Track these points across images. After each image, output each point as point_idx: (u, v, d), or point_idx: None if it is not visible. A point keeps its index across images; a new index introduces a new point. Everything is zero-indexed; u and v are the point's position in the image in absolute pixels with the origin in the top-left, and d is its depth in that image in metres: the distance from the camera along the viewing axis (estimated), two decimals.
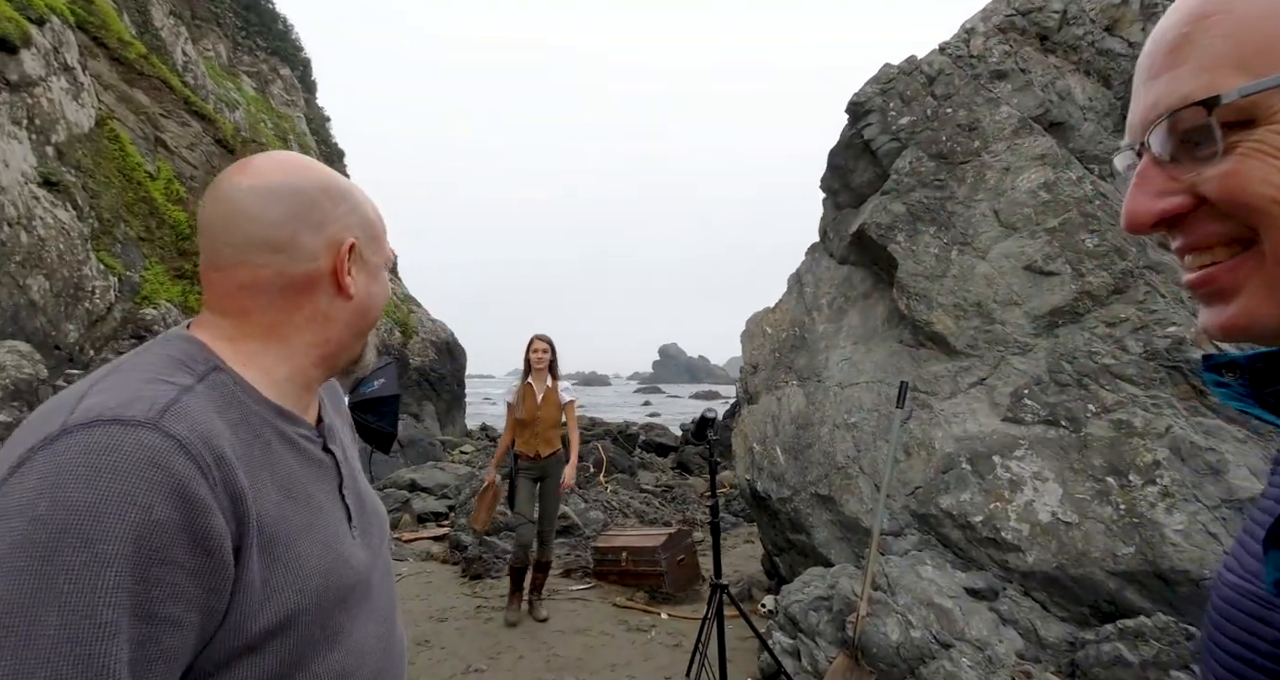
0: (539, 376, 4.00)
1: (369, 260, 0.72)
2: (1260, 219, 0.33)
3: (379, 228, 0.75)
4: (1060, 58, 3.57)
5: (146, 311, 10.06)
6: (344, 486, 0.71)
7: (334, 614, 0.63)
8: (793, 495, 3.89)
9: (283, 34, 31.29)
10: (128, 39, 15.35)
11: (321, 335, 0.69)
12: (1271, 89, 0.32)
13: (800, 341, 4.31)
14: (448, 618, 4.04)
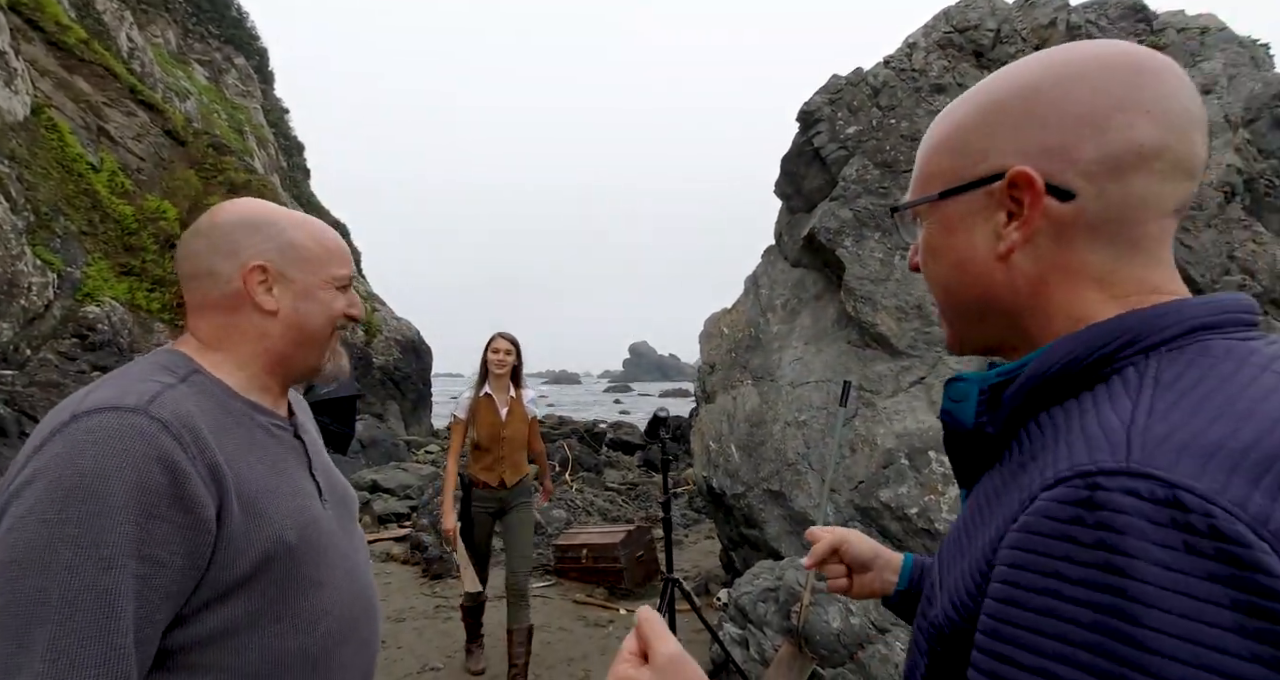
0: (499, 384, 3.17)
1: (295, 279, 0.83)
2: (927, 283, 0.54)
3: (312, 251, 0.84)
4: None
5: (89, 309, 9.63)
6: (314, 467, 0.86)
7: (309, 564, 0.76)
8: (746, 491, 4.01)
9: (237, 22, 30.17)
10: (66, 23, 14.61)
11: (260, 346, 0.82)
12: (916, 206, 0.53)
13: (755, 342, 4.43)
14: (406, 618, 4.04)
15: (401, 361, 14.88)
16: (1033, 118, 0.45)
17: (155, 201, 12.50)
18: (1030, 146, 0.45)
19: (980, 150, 0.47)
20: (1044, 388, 0.43)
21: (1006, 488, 0.43)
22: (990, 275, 0.47)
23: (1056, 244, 0.45)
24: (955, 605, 0.42)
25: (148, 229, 11.88)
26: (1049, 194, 0.44)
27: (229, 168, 15.11)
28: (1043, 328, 0.47)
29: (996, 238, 0.47)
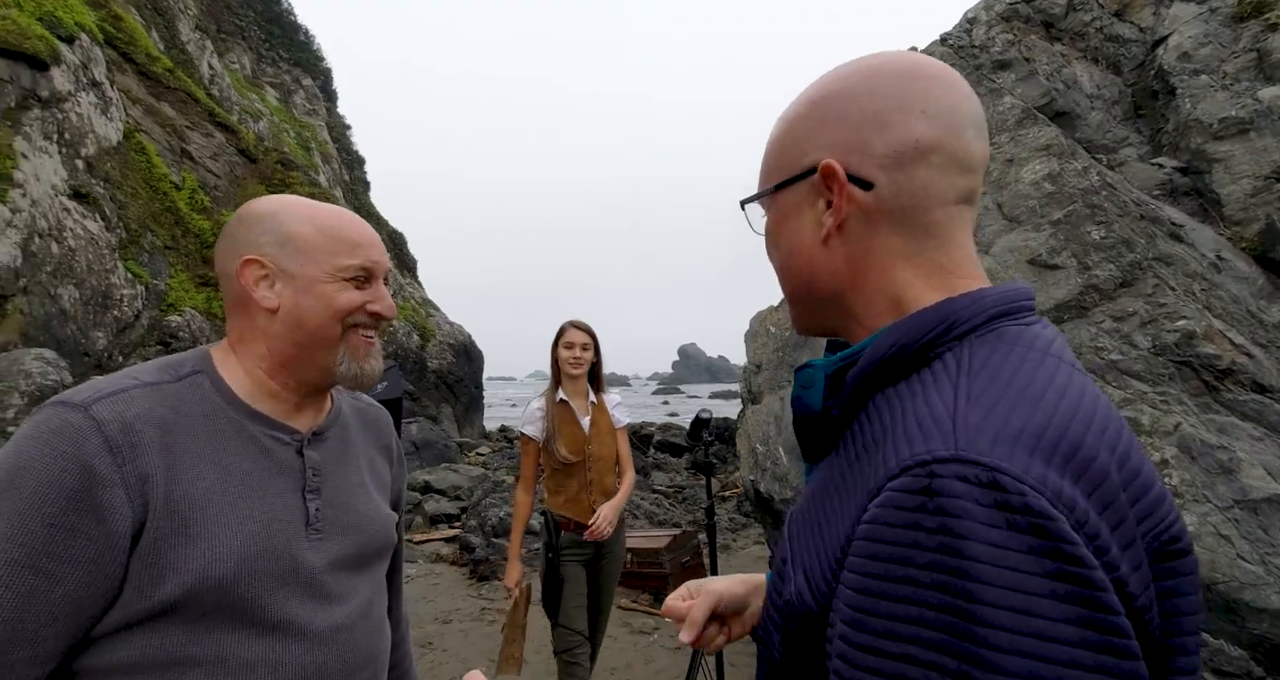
0: (576, 387, 2.48)
1: (294, 273, 0.75)
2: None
3: (312, 241, 0.76)
4: (1066, 45, 3.46)
5: (172, 318, 10.36)
6: (310, 490, 0.76)
7: (255, 605, 0.66)
8: (795, 496, 3.84)
9: (304, 45, 32.01)
10: (155, 54, 15.85)
11: (263, 347, 0.76)
12: (756, 199, 0.57)
13: (803, 340, 4.25)
14: (452, 620, 4.07)
15: (454, 365, 15.29)
16: (836, 117, 0.51)
17: (229, 216, 13.34)
18: (836, 142, 0.50)
19: (802, 146, 0.52)
20: (878, 373, 0.47)
21: (852, 473, 0.45)
22: (815, 259, 0.52)
23: (865, 229, 0.50)
24: (812, 589, 0.44)
25: None
26: (851, 183, 0.49)
27: (295, 182, 15.98)
28: (866, 307, 0.51)
29: (819, 225, 0.51)
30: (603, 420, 2.50)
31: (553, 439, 2.39)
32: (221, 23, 26.38)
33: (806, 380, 0.51)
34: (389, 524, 0.85)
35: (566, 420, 2.44)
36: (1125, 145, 3.02)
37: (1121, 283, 2.80)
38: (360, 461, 0.85)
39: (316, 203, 0.80)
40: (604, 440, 2.47)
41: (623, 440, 2.54)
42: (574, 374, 2.45)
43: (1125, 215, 2.82)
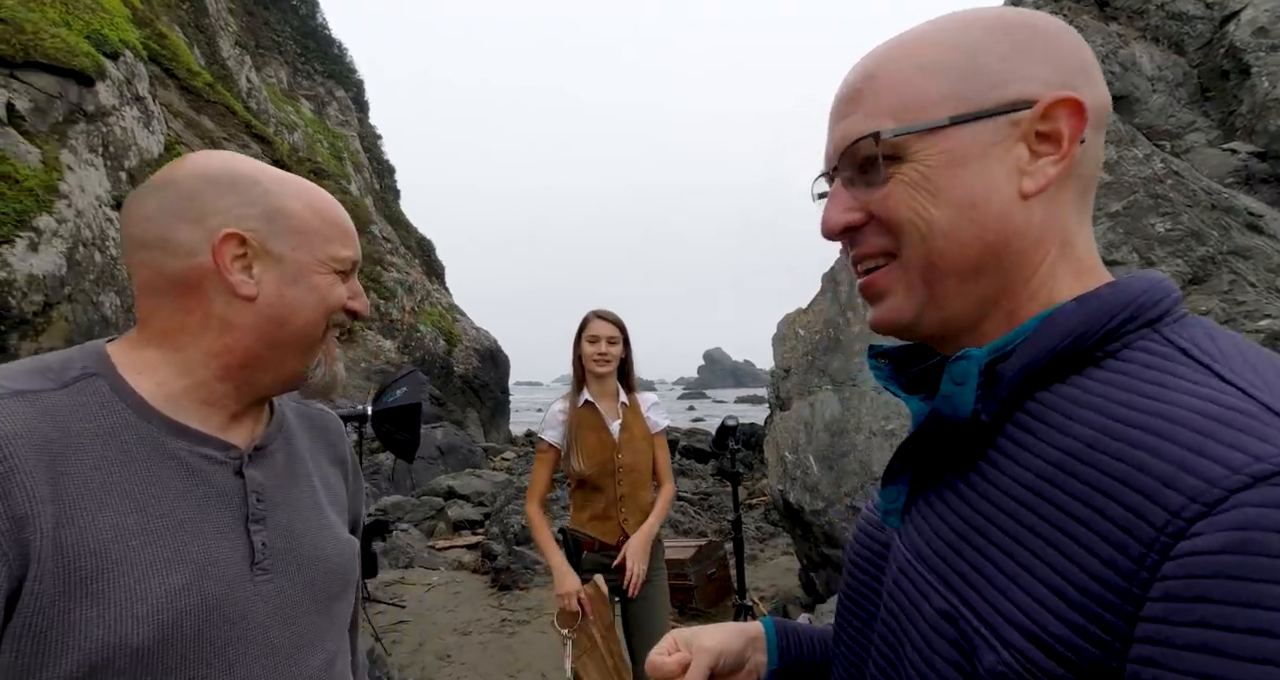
0: (603, 388, 2.14)
1: (283, 256, 0.63)
2: (902, 235, 0.43)
3: (308, 222, 0.65)
4: (1124, 24, 3.21)
5: None
6: (254, 519, 0.62)
7: (194, 671, 0.54)
8: (827, 508, 3.64)
9: (338, 58, 32.91)
10: (196, 69, 16.42)
11: (220, 343, 0.62)
12: (911, 134, 0.42)
13: (834, 343, 4.05)
14: (472, 631, 3.97)
15: (480, 370, 15.37)
16: (1047, 50, 0.42)
17: None
18: (1051, 79, 0.42)
19: (997, 74, 0.42)
20: (1048, 368, 0.41)
21: (1057, 497, 0.37)
22: (1008, 218, 0.42)
23: (1058, 192, 0.43)
24: (1055, 650, 0.35)
25: None
26: None
27: (327, 190, 16.34)
28: (1026, 287, 0.43)
29: (1019, 174, 0.42)
30: (636, 424, 2.11)
31: (571, 448, 2.05)
32: (260, 38, 27.30)
33: (960, 375, 0.41)
34: (351, 553, 0.72)
35: (592, 426, 2.07)
36: (1192, 130, 2.77)
37: (1192, 279, 2.55)
38: (312, 478, 0.71)
39: (290, 174, 0.67)
40: (638, 448, 2.08)
41: (661, 447, 2.15)
42: (600, 372, 2.07)
43: (1194, 205, 2.58)
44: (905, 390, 0.51)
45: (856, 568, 0.55)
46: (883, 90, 0.44)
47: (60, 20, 10.57)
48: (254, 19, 27.43)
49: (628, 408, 2.14)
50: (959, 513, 0.42)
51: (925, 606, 0.42)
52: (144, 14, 15.27)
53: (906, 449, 0.46)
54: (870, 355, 0.54)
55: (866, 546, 0.54)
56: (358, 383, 11.82)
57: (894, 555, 0.48)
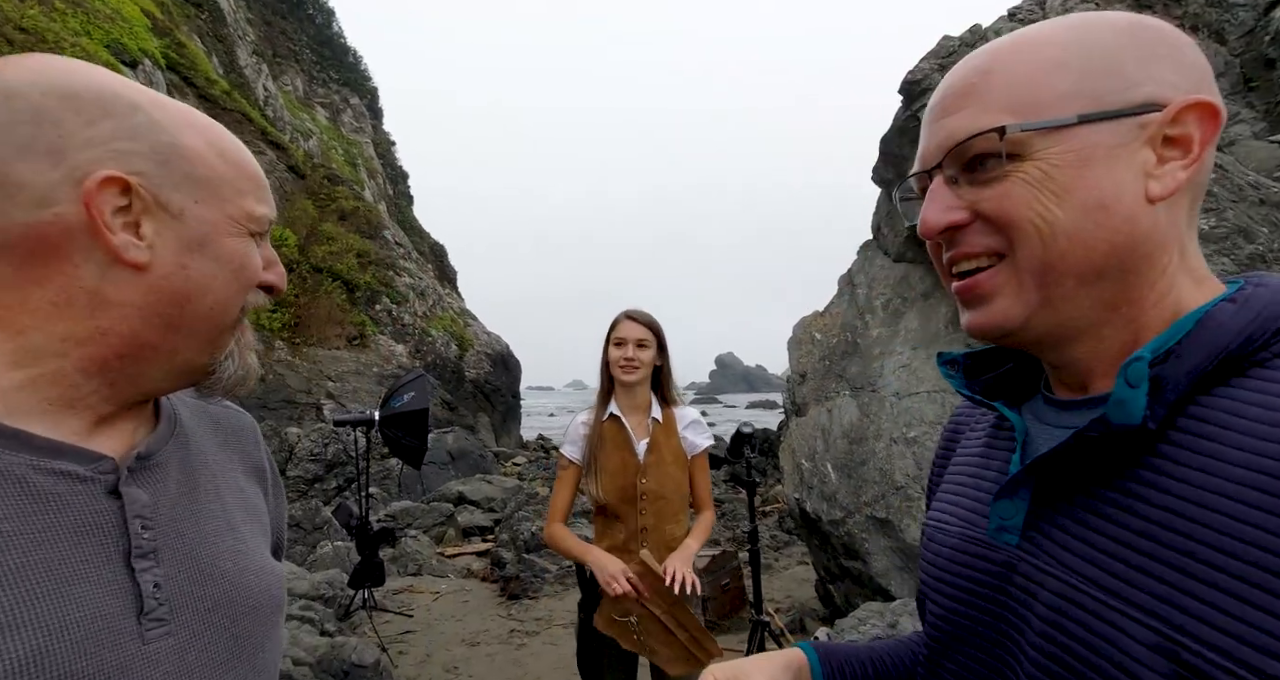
0: (633, 400, 1.85)
1: (183, 212, 0.47)
2: (1018, 234, 0.43)
3: (214, 166, 0.49)
4: (1159, 13, 3.08)
5: None
6: (139, 554, 0.47)
7: None
8: (846, 517, 3.51)
9: (353, 66, 33.37)
10: (213, 78, 16.68)
11: (89, 326, 0.46)
12: (1037, 131, 0.42)
13: (852, 348, 3.93)
14: (480, 642, 3.88)
15: (492, 374, 15.36)
16: (1172, 56, 0.42)
17: (278, 230, 13.81)
18: (1183, 85, 0.41)
19: (1129, 75, 0.42)
20: (1216, 370, 0.39)
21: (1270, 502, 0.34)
22: (1135, 222, 0.41)
23: (1182, 196, 0.42)
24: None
25: None
26: None
27: (340, 196, 16.47)
28: (1151, 291, 0.42)
29: (1145, 177, 0.41)
30: (667, 445, 1.80)
31: (590, 468, 1.78)
32: (277, 47, 27.74)
33: (1137, 376, 0.39)
34: (277, 583, 0.58)
35: (616, 444, 1.78)
36: (1236, 122, 2.64)
37: None
38: (221, 493, 0.57)
39: (171, 99, 0.51)
40: (666, 472, 1.77)
41: (701, 470, 1.85)
42: (626, 381, 1.79)
43: (1240, 201, 2.44)
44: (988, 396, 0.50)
45: (961, 591, 0.50)
46: (1000, 86, 0.43)
47: (81, 30, 10.77)
48: (271, 28, 27.89)
49: (659, 425, 1.83)
50: (1131, 527, 0.39)
51: (1124, 639, 0.38)
52: (164, 23, 15.56)
53: (1044, 461, 0.43)
54: (941, 362, 0.53)
55: (974, 568, 0.49)
56: (370, 387, 11.84)
57: (1026, 576, 0.45)
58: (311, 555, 4.86)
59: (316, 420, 10.18)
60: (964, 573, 0.50)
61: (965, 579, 0.50)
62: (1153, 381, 0.39)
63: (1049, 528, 0.44)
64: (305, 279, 13.28)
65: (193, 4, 19.81)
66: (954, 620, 0.51)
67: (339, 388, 11.57)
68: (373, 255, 15.08)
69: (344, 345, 12.79)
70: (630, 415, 1.83)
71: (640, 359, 1.79)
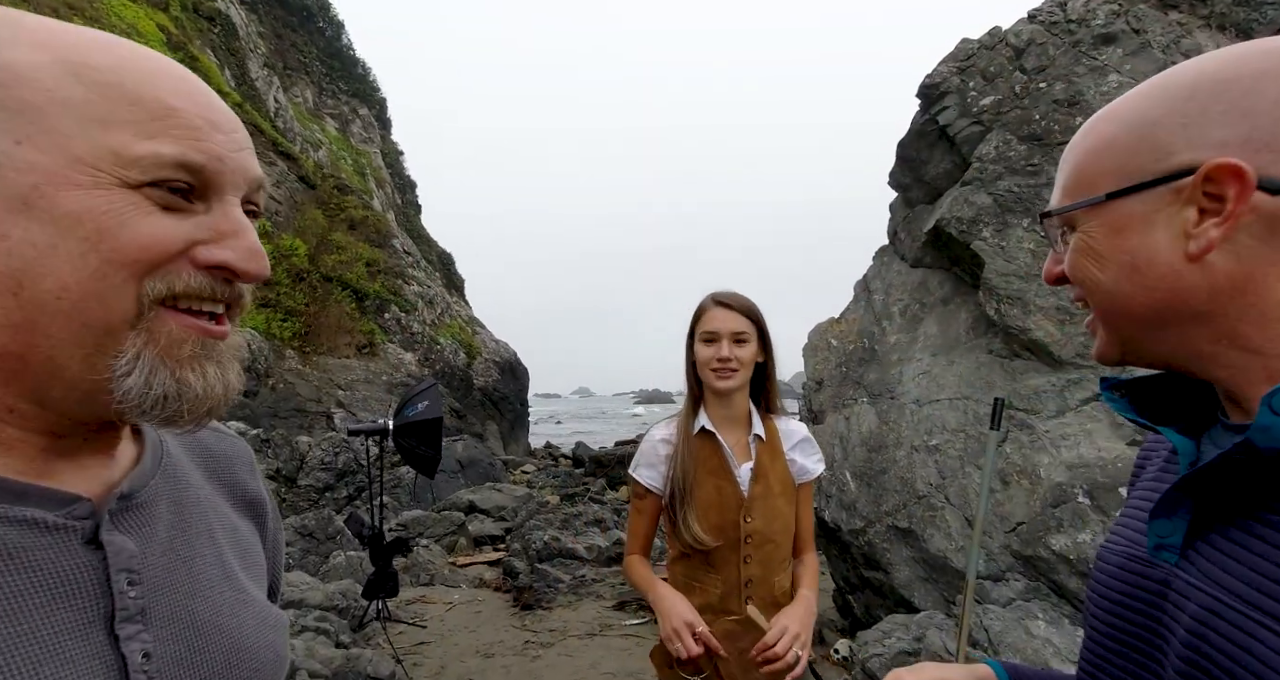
0: (729, 411, 1.46)
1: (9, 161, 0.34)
2: (1081, 290, 0.52)
3: (47, 88, 0.34)
4: (1186, 13, 3.04)
5: None
6: (124, 617, 0.38)
7: None
8: (866, 527, 3.45)
9: (362, 77, 33.72)
10: (226, 90, 16.89)
11: None
12: (1076, 210, 0.50)
13: (870, 354, 3.88)
14: (494, 653, 3.83)
15: (500, 382, 15.36)
16: (1234, 109, 0.43)
17: (289, 240, 13.90)
18: (1230, 139, 0.43)
19: (1164, 145, 0.46)
20: None
21: None
22: (1178, 278, 0.46)
23: (1262, 240, 0.44)
24: None
25: (282, 265, 13.21)
26: (1259, 188, 0.43)
27: (350, 206, 16.60)
28: (1263, 329, 0.45)
29: (1185, 237, 0.45)
30: (774, 470, 1.42)
31: (680, 501, 1.38)
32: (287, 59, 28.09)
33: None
34: (282, 637, 0.50)
35: (710, 469, 1.40)
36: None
37: None
38: (215, 535, 0.48)
39: (78, 27, 0.38)
40: (775, 507, 1.39)
41: (805, 503, 1.48)
42: (721, 387, 1.39)
43: None
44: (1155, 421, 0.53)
45: (1119, 606, 0.53)
46: (1068, 167, 0.51)
47: None
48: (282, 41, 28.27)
49: (763, 444, 1.42)
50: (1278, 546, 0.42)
51: (1259, 647, 0.41)
52: (178, 38, 15.79)
53: (1193, 481, 0.46)
54: (1104, 388, 0.56)
55: (1131, 584, 0.52)
56: (379, 396, 11.85)
57: (1181, 593, 0.47)
58: (325, 565, 4.83)
59: (327, 429, 10.19)
60: (1122, 589, 0.53)
61: (1122, 594, 0.53)
62: None
63: (1204, 547, 0.46)
64: (315, 288, 13.35)
65: (205, 18, 20.11)
66: (1111, 633, 0.53)
67: (349, 396, 11.59)
68: (382, 264, 15.16)
69: (353, 354, 12.82)
70: (727, 430, 1.43)
71: (739, 358, 1.38)
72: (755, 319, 1.43)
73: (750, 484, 1.40)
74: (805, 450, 1.48)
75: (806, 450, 1.48)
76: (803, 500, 1.48)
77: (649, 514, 1.47)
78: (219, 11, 20.95)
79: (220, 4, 21.27)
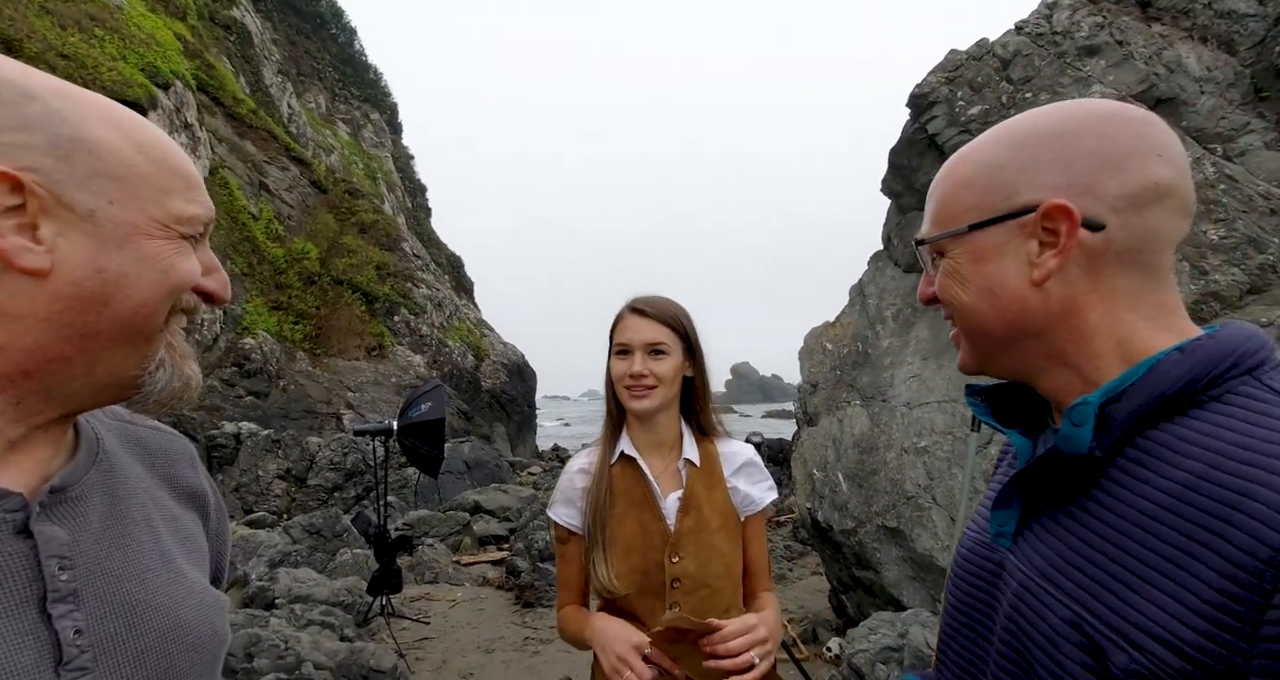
0: (655, 435, 1.23)
1: (94, 212, 0.43)
2: (948, 309, 0.59)
3: (130, 161, 0.45)
4: (1168, 24, 3.09)
5: (246, 341, 10.96)
6: (55, 598, 0.43)
7: None
8: (857, 527, 3.51)
9: (373, 82, 34.13)
10: (241, 97, 17.21)
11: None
12: (944, 239, 0.57)
13: (863, 358, 3.95)
14: (495, 649, 3.93)
15: (508, 384, 15.49)
16: (1057, 158, 0.51)
17: (301, 243, 14.16)
18: (1060, 183, 0.51)
19: (1010, 186, 0.53)
20: (1158, 409, 0.48)
21: (1168, 520, 0.45)
22: (1023, 300, 0.53)
23: (1088, 271, 0.51)
24: (1185, 653, 0.42)
25: (294, 268, 13.46)
26: (1081, 225, 0.50)
27: (361, 209, 16.84)
28: (1082, 348, 0.52)
29: (1029, 265, 0.52)
30: (709, 500, 1.20)
31: (593, 542, 1.18)
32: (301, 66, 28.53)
33: (1080, 417, 0.49)
34: (219, 615, 0.55)
35: (631, 501, 1.20)
36: (1246, 132, 2.64)
37: (1249, 289, 2.40)
38: (154, 522, 0.53)
39: (82, 90, 0.46)
40: (710, 545, 1.18)
41: (757, 537, 1.26)
42: (635, 409, 1.19)
43: (1250, 211, 2.44)
44: (1004, 423, 0.61)
45: (968, 585, 0.61)
46: (934, 202, 0.58)
47: (118, 54, 11.23)
48: (296, 48, 28.73)
49: (696, 470, 1.21)
50: (1077, 534, 0.50)
51: (1051, 617, 0.49)
52: (194, 46, 16.13)
53: (1021, 478, 0.54)
54: (968, 394, 0.63)
55: (978, 566, 0.61)
56: (388, 397, 12.03)
57: (1009, 573, 0.55)
58: (331, 562, 4.96)
59: (336, 430, 10.37)
60: (971, 570, 0.61)
61: (970, 574, 0.61)
62: (1103, 417, 0.49)
63: (1028, 534, 0.55)
64: (326, 291, 13.57)
65: (221, 26, 20.50)
66: (960, 608, 0.62)
67: (358, 398, 11.77)
68: (392, 267, 15.37)
69: (363, 356, 13.02)
70: (651, 456, 1.22)
71: (657, 373, 1.16)
72: (677, 327, 1.21)
73: (678, 516, 1.17)
74: (751, 476, 1.25)
75: (753, 476, 1.25)
76: (752, 535, 1.24)
77: (575, 560, 1.23)
78: (235, 20, 21.35)
79: (236, 12, 21.66)
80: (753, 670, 0.98)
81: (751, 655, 0.98)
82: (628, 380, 1.18)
